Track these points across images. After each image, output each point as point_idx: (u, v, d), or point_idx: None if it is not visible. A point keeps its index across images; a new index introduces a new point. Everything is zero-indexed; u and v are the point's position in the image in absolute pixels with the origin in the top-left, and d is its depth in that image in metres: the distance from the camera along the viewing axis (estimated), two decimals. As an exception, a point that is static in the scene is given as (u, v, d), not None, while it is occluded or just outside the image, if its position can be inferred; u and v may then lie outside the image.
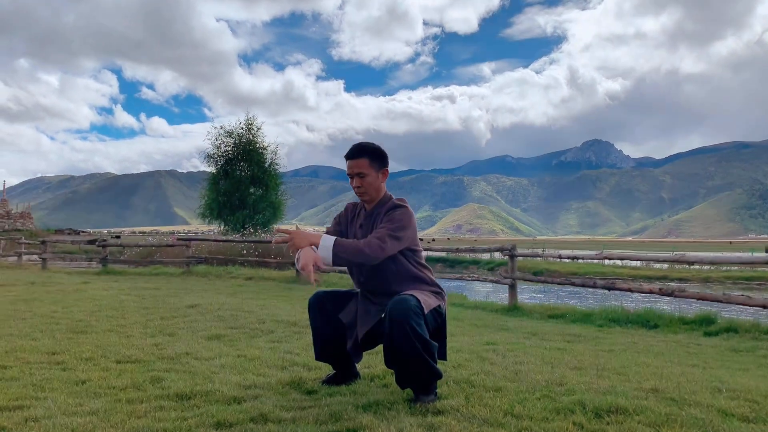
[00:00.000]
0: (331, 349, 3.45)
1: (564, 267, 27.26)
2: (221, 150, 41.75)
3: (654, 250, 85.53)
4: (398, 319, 2.98)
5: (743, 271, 24.91)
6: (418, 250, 3.30)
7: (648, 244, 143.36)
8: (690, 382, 3.72)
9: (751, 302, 6.08)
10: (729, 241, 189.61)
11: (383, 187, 3.31)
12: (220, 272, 13.68)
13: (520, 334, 6.07)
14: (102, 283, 10.76)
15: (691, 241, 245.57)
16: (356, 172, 3.21)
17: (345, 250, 2.99)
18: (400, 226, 3.10)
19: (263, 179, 41.74)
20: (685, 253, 6.47)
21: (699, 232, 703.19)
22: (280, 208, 43.37)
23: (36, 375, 3.59)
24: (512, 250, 8.02)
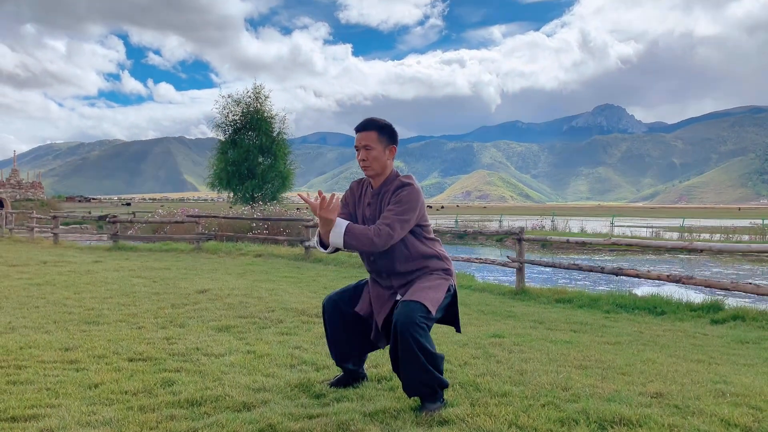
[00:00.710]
0: (348, 351, 3.51)
1: (573, 236, 27.20)
2: (229, 119, 41.76)
3: (663, 216, 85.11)
4: (402, 330, 3.04)
5: (753, 243, 24.81)
6: (427, 225, 3.30)
7: (658, 210, 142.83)
8: (694, 383, 3.75)
9: (759, 291, 6.08)
10: (738, 208, 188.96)
11: (390, 164, 3.27)
12: (230, 249, 13.77)
13: (527, 322, 6.12)
14: (113, 263, 10.87)
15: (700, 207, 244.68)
16: (363, 145, 3.19)
17: (355, 237, 3.00)
18: (408, 208, 3.09)
19: (271, 148, 41.77)
20: (693, 241, 6.44)
21: (710, 198, 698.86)
22: (288, 177, 43.47)
23: (50, 377, 3.66)
24: (520, 234, 8.02)
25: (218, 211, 53.08)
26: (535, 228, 33.25)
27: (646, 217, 79.76)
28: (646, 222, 59.07)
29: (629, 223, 52.41)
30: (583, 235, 26.58)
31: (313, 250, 12.63)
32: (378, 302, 3.34)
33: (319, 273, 10.09)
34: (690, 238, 27.23)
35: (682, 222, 34.40)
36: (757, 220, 59.77)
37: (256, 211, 22.11)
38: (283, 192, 44.14)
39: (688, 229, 32.71)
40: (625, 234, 30.08)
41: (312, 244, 12.55)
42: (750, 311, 6.43)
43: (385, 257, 3.23)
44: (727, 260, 21.83)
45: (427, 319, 3.14)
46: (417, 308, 3.10)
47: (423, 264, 3.24)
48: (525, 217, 67.49)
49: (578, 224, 35.56)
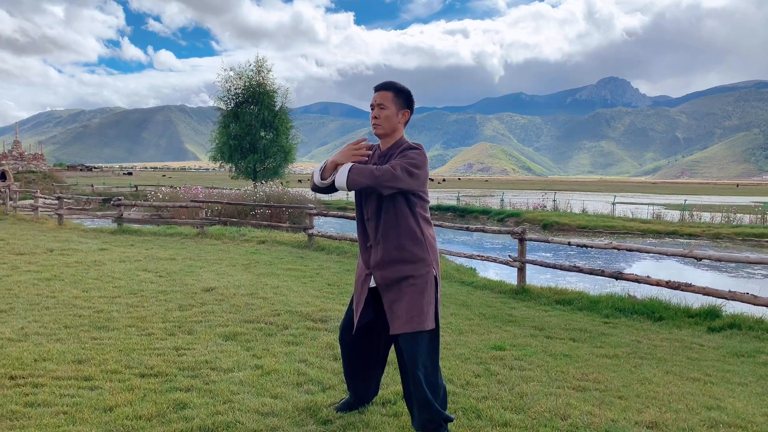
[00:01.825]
0: (360, 382, 3.65)
1: (573, 220, 27.31)
2: (231, 92, 41.59)
3: (665, 192, 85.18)
4: (412, 368, 3.19)
5: (754, 227, 24.88)
6: (426, 201, 3.31)
7: (659, 186, 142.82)
8: (689, 410, 3.88)
9: (756, 301, 6.18)
10: (736, 184, 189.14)
11: (400, 128, 3.30)
12: (234, 234, 13.86)
13: (527, 329, 6.24)
14: (118, 250, 10.98)
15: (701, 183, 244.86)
16: (378, 103, 3.25)
17: (359, 172, 3.01)
18: (415, 164, 3.10)
19: (274, 123, 41.70)
20: (693, 249, 6.52)
21: (713, 173, 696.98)
22: (291, 152, 43.48)
23: (66, 397, 3.79)
24: (522, 234, 8.10)
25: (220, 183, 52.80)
26: (536, 208, 33.32)
27: (648, 193, 79.99)
28: (648, 199, 59.25)
29: (630, 200, 52.56)
30: (584, 234, 26.70)
31: (317, 237, 12.73)
32: (356, 284, 3.43)
33: (322, 265, 10.21)
34: (690, 222, 27.29)
35: (684, 203, 34.42)
36: (759, 199, 59.93)
37: (258, 190, 22.16)
38: (285, 167, 44.20)
39: (690, 207, 32.72)
40: (626, 215, 30.17)
41: (312, 232, 12.69)
42: (746, 319, 6.54)
43: (379, 228, 3.22)
44: (728, 245, 21.95)
45: (433, 343, 3.28)
46: (423, 342, 3.21)
47: (411, 253, 3.21)
48: (526, 193, 67.70)
49: (579, 204, 35.58)
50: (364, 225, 3.34)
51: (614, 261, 16.33)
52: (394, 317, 3.22)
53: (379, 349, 3.59)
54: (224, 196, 22.33)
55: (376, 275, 3.27)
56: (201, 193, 22.02)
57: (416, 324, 3.18)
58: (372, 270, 3.28)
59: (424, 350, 3.22)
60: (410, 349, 3.20)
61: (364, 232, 3.34)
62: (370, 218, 3.27)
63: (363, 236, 3.36)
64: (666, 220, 28.56)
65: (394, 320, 3.22)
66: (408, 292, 3.20)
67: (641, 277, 7.16)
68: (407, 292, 3.21)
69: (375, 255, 3.26)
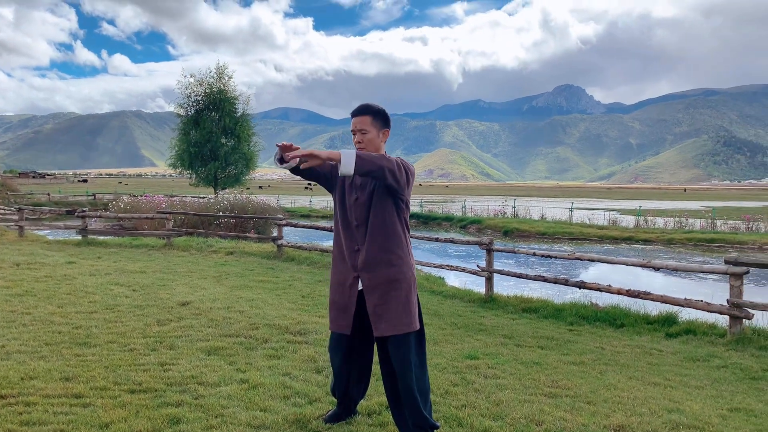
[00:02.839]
0: (345, 389, 3.81)
1: (533, 227, 27.95)
2: (191, 99, 41.27)
3: (619, 197, 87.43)
4: (402, 376, 3.41)
5: (705, 232, 25.89)
6: (408, 209, 3.53)
7: (614, 191, 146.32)
8: (652, 413, 4.18)
9: (709, 308, 6.60)
10: (684, 189, 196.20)
11: (383, 147, 3.50)
12: (201, 245, 13.87)
13: (497, 338, 6.52)
14: (87, 263, 10.91)
15: (653, 188, 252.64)
16: (359, 128, 3.42)
17: (367, 155, 3.10)
18: (409, 169, 3.33)
19: (235, 130, 41.50)
20: (652, 260, 6.91)
21: (665, 178, 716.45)
22: (252, 159, 43.33)
23: (60, 415, 3.87)
24: (490, 245, 8.41)
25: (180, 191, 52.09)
26: (497, 215, 33.93)
27: (603, 198, 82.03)
28: (604, 204, 60.79)
29: (587, 206, 53.87)
30: (544, 240, 27.33)
31: (286, 248, 12.85)
32: (342, 289, 3.53)
33: (293, 276, 10.35)
34: (645, 228, 28.20)
35: (639, 209, 35.50)
36: (708, 203, 62.19)
37: (222, 199, 22.09)
38: (247, 174, 44.01)
39: (644, 212, 33.78)
40: (584, 223, 30.99)
41: (281, 243, 12.80)
42: (701, 325, 6.95)
43: (366, 225, 3.40)
44: (681, 250, 22.80)
45: (419, 345, 3.51)
46: (410, 343, 3.44)
47: (394, 254, 3.41)
48: (486, 198, 68.71)
49: (538, 210, 36.38)
50: (349, 230, 3.49)
51: (574, 267, 16.85)
52: (380, 320, 3.40)
53: (368, 349, 3.77)
54: (188, 206, 22.18)
55: (364, 277, 3.44)
56: (164, 202, 21.84)
57: (404, 326, 3.40)
58: (360, 272, 3.46)
59: (413, 351, 3.45)
60: (400, 351, 3.41)
61: (350, 237, 3.49)
62: (359, 224, 3.44)
63: (348, 241, 3.50)
64: (622, 225, 29.43)
65: (380, 323, 3.40)
66: (394, 295, 3.41)
67: (603, 286, 7.54)
68: (393, 296, 3.40)
69: (362, 257, 3.43)
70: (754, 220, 27.98)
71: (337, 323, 3.61)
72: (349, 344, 3.67)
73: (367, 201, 3.41)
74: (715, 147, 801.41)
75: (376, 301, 3.42)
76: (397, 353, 3.44)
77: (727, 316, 6.56)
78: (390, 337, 3.43)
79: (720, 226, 28.20)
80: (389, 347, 3.47)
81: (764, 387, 5.11)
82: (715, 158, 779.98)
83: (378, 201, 3.39)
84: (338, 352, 3.72)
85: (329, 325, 3.70)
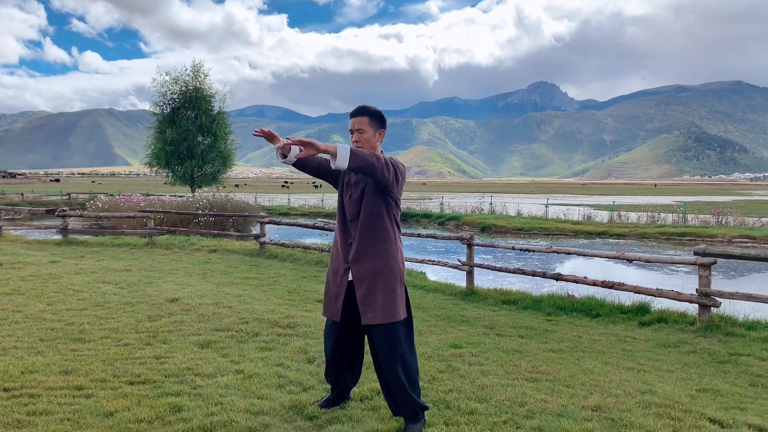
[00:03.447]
0: (338, 375, 4.02)
1: (510, 223, 28.38)
2: (167, 97, 41.05)
3: (593, 193, 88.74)
4: (389, 362, 3.64)
5: (676, 226, 26.55)
6: (399, 207, 3.77)
7: (588, 187, 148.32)
8: (626, 395, 4.46)
9: (680, 297, 6.93)
10: (654, 184, 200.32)
11: (378, 146, 3.73)
12: (183, 243, 13.95)
13: (479, 328, 6.78)
14: (71, 262, 10.96)
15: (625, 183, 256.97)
16: (356, 128, 3.63)
17: (360, 152, 3.32)
18: (400, 170, 3.57)
19: (211, 128, 41.33)
20: (625, 252, 7.22)
21: (637, 174, 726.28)
22: (229, 157, 43.23)
23: (65, 405, 4.03)
24: (470, 240, 8.67)
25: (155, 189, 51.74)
26: (474, 211, 34.34)
27: (577, 194, 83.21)
28: (578, 200, 61.72)
29: (562, 202, 54.67)
30: (520, 236, 27.74)
31: (268, 245, 12.99)
32: (335, 278, 3.79)
33: (278, 272, 10.51)
34: (619, 223, 28.78)
35: (612, 204, 36.18)
36: (679, 198, 63.52)
37: (202, 197, 22.09)
38: (224, 172, 43.90)
39: (617, 207, 34.44)
40: (558, 217, 31.51)
41: (263, 240, 12.94)
42: (672, 314, 7.29)
43: (359, 220, 3.63)
44: (654, 244, 23.37)
45: (408, 332, 3.75)
46: (398, 331, 3.67)
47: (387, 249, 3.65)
48: (463, 195, 69.28)
49: (514, 206, 36.89)
50: (345, 224, 3.75)
51: (550, 262, 17.23)
52: (368, 309, 3.64)
53: (359, 338, 3.99)
54: (167, 204, 22.15)
55: (353, 269, 3.68)
56: (142, 201, 21.79)
57: (389, 315, 3.64)
58: (350, 264, 3.70)
59: (402, 338, 3.68)
60: (387, 339, 3.65)
61: (345, 231, 3.75)
62: (352, 219, 3.69)
63: (343, 235, 3.76)
64: (596, 221, 30.02)
65: (368, 312, 3.64)
66: (380, 287, 3.64)
67: (579, 278, 7.85)
68: (380, 287, 3.64)
69: (353, 250, 3.68)
70: (723, 214, 28.74)
71: (328, 310, 3.87)
72: (341, 331, 3.90)
73: (359, 198, 3.65)
74: (686, 143, 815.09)
75: (363, 292, 3.66)
76: (383, 341, 3.67)
77: (697, 304, 6.89)
78: (377, 325, 3.66)
79: (691, 220, 28.93)
80: (377, 335, 3.69)
81: (730, 370, 5.44)
82: (686, 154, 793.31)
83: (369, 198, 3.63)
84: (330, 337, 3.95)
85: (322, 311, 3.93)
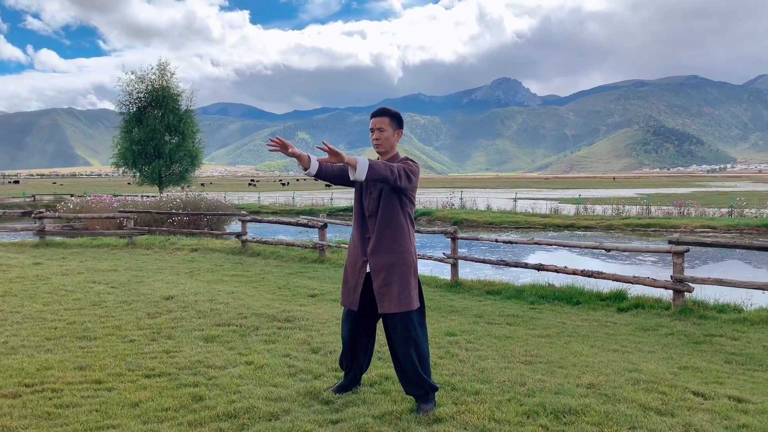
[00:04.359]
0: (351, 360, 4.28)
1: (481, 217, 28.88)
2: (133, 96, 40.60)
3: (557, 187, 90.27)
4: (404, 346, 3.93)
5: (641, 218, 27.37)
6: (413, 204, 4.10)
7: (551, 181, 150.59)
8: (615, 373, 4.82)
9: (655, 284, 7.36)
10: (613, 177, 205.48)
11: (395, 145, 4.08)
12: (164, 243, 13.99)
13: (469, 317, 7.10)
14: (55, 264, 10.95)
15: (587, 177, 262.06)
16: (377, 127, 3.97)
17: (376, 164, 3.69)
18: (413, 171, 3.90)
19: (179, 127, 40.98)
20: (603, 242, 7.61)
21: (599, 167, 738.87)
22: (197, 156, 42.95)
23: (91, 398, 4.19)
24: (454, 233, 8.98)
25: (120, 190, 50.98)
26: (445, 206, 34.80)
27: (542, 188, 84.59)
28: (544, 194, 62.86)
29: (529, 196, 55.62)
30: (492, 230, 28.25)
31: (250, 243, 13.13)
32: (353, 270, 4.07)
33: (263, 269, 10.69)
34: (585, 215, 29.52)
35: (579, 197, 37.05)
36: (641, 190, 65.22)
37: (175, 198, 22.03)
38: (192, 171, 43.59)
39: (584, 200, 35.28)
40: (527, 211, 32.17)
41: (245, 238, 13.08)
42: (647, 300, 7.72)
43: (377, 218, 3.93)
44: (620, 235, 24.10)
45: (421, 319, 4.03)
46: (412, 318, 3.96)
47: (402, 246, 3.94)
48: (432, 191, 69.83)
49: (484, 201, 37.49)
50: (362, 220, 4.06)
51: (524, 252, 17.70)
52: (384, 299, 3.94)
53: (372, 323, 4.26)
54: (139, 205, 22.03)
55: (371, 261, 3.99)
56: (115, 202, 21.64)
57: (404, 305, 3.94)
58: (368, 257, 4.00)
59: (415, 325, 3.98)
60: (402, 326, 3.96)
61: (362, 226, 4.06)
62: (370, 215, 4.01)
63: (361, 229, 4.07)
64: (563, 214, 30.74)
65: (384, 301, 3.94)
66: (396, 278, 3.94)
67: (560, 268, 8.23)
68: (395, 279, 3.94)
69: (371, 244, 3.99)
70: (685, 205, 29.73)
71: (347, 300, 4.14)
72: (356, 319, 4.17)
73: (378, 196, 3.98)
74: (646, 136, 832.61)
75: (380, 283, 3.95)
76: (398, 328, 3.97)
77: (672, 290, 7.32)
78: (393, 314, 3.94)
79: (654, 212, 29.86)
80: (392, 322, 3.98)
81: (706, 349, 5.86)
82: (645, 147, 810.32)
83: (386, 196, 3.95)
84: (347, 324, 4.22)
85: (340, 301, 4.20)
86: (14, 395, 4.26)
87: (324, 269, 10.87)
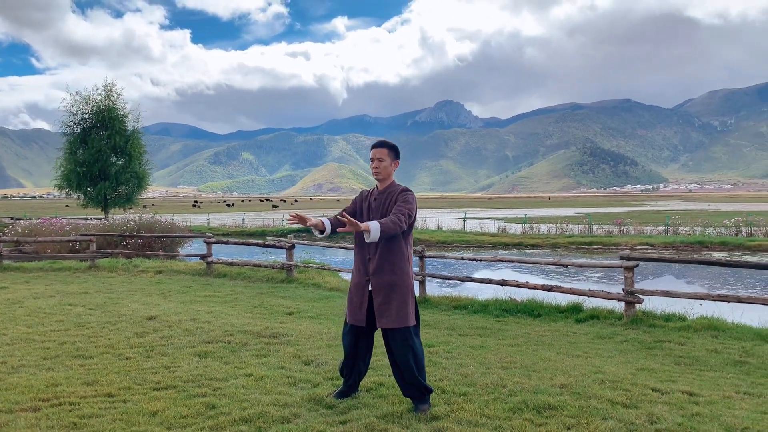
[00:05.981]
0: (353, 367, 4.70)
1: (432, 236, 29.59)
2: (78, 117, 39.84)
3: (500, 207, 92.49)
4: (402, 356, 4.40)
5: (584, 236, 28.64)
6: (412, 227, 4.58)
7: (494, 200, 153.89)
8: (583, 375, 5.40)
9: (609, 297, 8.05)
10: (548, 197, 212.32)
11: (392, 173, 4.59)
12: (127, 265, 14.01)
13: (442, 330, 7.61)
14: (20, 288, 10.91)
15: (527, 197, 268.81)
16: (377, 157, 4.51)
17: (386, 227, 4.19)
18: (412, 207, 4.44)
19: (126, 148, 40.38)
20: (561, 258, 8.26)
21: (539, 187, 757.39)
22: (144, 178, 42.29)
23: (109, 409, 4.47)
24: (422, 252, 9.51)
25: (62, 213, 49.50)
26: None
27: (486, 208, 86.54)
28: (489, 213, 64.45)
29: (476, 215, 56.98)
30: (444, 249, 28.96)
31: (215, 264, 13.33)
32: (357, 289, 4.54)
33: (233, 290, 10.96)
34: (532, 234, 30.63)
35: (525, 216, 38.33)
36: (580, 210, 67.68)
37: (129, 220, 21.86)
38: (139, 193, 42.91)
39: (529, 220, 36.52)
40: (476, 230, 33.11)
41: (211, 260, 13.29)
42: (602, 311, 8.41)
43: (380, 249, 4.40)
44: (564, 253, 25.16)
45: (416, 333, 4.51)
46: (410, 332, 4.44)
47: (403, 268, 4.44)
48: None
49: (434, 220, 38.35)
50: (365, 244, 4.52)
51: (476, 270, 18.38)
52: (383, 315, 4.43)
53: (371, 335, 4.71)
54: (91, 228, 21.74)
55: (373, 281, 4.48)
56: (67, 225, 21.32)
57: (402, 321, 4.43)
58: (370, 276, 4.48)
59: (412, 336, 4.47)
60: (401, 339, 4.44)
61: (363, 249, 4.55)
62: (370, 255, 4.51)
63: (362, 252, 4.57)
64: (511, 233, 31.81)
65: (383, 317, 4.44)
66: (394, 297, 4.45)
67: (521, 283, 8.85)
68: (394, 297, 4.45)
69: (372, 265, 4.48)
70: (624, 224, 31.25)
71: (354, 317, 4.60)
72: (358, 332, 4.62)
73: None
74: (583, 157, 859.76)
75: (381, 300, 4.45)
76: (398, 341, 4.45)
77: (623, 302, 8.03)
78: (393, 329, 4.42)
79: (596, 231, 31.26)
80: (392, 336, 4.46)
81: (657, 353, 6.53)
82: (582, 168, 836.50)
83: None
84: (349, 337, 4.67)
85: (347, 318, 4.65)
86: (34, 409, 4.51)
87: (294, 288, 11.21)
